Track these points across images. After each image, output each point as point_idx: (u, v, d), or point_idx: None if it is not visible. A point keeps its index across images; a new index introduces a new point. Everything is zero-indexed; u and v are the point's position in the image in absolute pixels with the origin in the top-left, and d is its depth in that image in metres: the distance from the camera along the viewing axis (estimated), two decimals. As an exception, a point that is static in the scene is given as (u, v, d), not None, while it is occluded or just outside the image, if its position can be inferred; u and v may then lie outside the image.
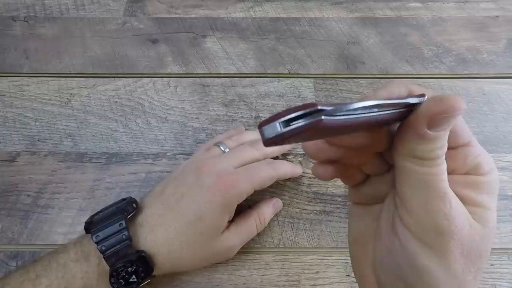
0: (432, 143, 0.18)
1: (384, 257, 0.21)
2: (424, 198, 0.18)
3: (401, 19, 0.47)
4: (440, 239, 0.18)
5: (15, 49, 0.45)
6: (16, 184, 0.37)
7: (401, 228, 0.19)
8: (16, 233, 0.35)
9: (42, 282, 0.26)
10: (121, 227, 0.28)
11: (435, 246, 0.18)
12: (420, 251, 0.18)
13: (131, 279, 0.27)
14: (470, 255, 0.18)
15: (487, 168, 0.19)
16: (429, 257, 0.18)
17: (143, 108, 0.41)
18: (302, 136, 0.15)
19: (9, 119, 0.41)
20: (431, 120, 0.17)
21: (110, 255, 0.27)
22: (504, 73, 0.43)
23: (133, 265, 0.27)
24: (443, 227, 0.18)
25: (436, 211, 0.18)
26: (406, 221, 0.19)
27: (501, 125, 0.39)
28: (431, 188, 0.18)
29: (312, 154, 0.21)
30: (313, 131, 0.14)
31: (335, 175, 0.22)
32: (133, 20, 0.48)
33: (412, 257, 0.19)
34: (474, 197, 0.19)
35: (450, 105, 0.17)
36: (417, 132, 0.18)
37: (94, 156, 0.39)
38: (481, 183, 0.19)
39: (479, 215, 0.19)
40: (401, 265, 0.19)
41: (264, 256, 0.34)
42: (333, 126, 0.14)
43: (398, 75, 0.43)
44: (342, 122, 0.14)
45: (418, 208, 0.18)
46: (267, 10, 0.49)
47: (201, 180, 0.30)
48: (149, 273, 0.28)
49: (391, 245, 0.20)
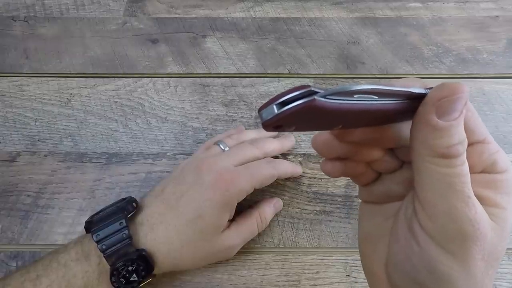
0: (447, 136, 0.17)
1: (400, 259, 0.20)
2: (448, 203, 0.17)
3: (401, 19, 0.47)
4: (463, 245, 0.17)
5: (15, 49, 0.45)
6: (16, 184, 0.37)
7: (420, 233, 0.18)
8: (16, 233, 0.35)
9: (43, 282, 0.26)
10: (121, 226, 0.28)
11: (458, 252, 0.17)
12: (441, 257, 0.18)
13: (131, 278, 0.27)
14: (489, 258, 0.18)
15: (504, 166, 0.19)
16: (450, 263, 0.18)
17: (143, 108, 0.41)
18: (299, 119, 0.15)
19: (9, 119, 0.41)
20: (438, 108, 0.17)
21: (111, 254, 0.27)
22: (504, 73, 0.43)
23: (133, 264, 0.27)
24: (467, 233, 0.17)
25: (461, 216, 0.17)
26: (426, 226, 0.18)
27: (501, 125, 0.39)
28: (455, 191, 0.17)
29: (321, 150, 0.21)
30: (309, 113, 0.14)
31: (343, 172, 0.22)
32: (133, 20, 0.48)
33: (432, 263, 0.18)
34: (492, 197, 0.18)
35: (452, 87, 0.17)
36: (428, 123, 0.17)
37: (94, 156, 0.39)
38: (498, 181, 0.19)
39: (497, 216, 0.18)
40: (419, 269, 0.19)
41: (264, 256, 0.34)
42: (328, 109, 0.14)
43: (398, 75, 0.43)
44: (337, 106, 0.14)
45: (441, 213, 0.17)
46: (267, 10, 0.49)
47: (201, 178, 0.30)
48: (149, 271, 0.28)
49: (408, 248, 0.19)
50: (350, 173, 0.22)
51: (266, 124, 0.15)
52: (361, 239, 0.23)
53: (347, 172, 0.22)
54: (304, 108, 0.14)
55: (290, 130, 0.16)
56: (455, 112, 0.17)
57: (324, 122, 0.16)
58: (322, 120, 0.16)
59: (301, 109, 0.14)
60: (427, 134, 0.17)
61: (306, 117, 0.15)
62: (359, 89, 0.14)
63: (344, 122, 0.17)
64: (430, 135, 0.17)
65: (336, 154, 0.21)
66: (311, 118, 0.15)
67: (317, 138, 0.21)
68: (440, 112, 0.17)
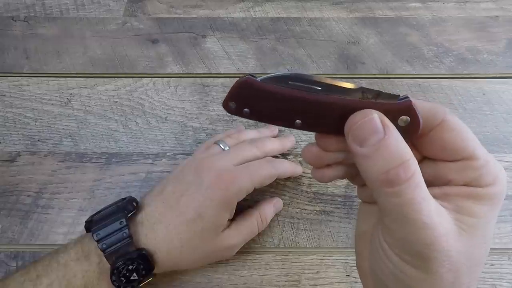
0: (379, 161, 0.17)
1: (374, 262, 0.21)
2: (404, 230, 0.17)
3: (401, 19, 0.47)
4: (424, 262, 0.18)
5: (15, 49, 0.45)
6: (16, 184, 0.37)
7: (384, 245, 0.19)
8: (16, 233, 0.35)
9: (43, 282, 0.26)
10: (121, 225, 0.28)
11: (421, 267, 0.18)
12: (405, 268, 0.18)
13: (132, 277, 0.27)
14: (461, 269, 0.18)
15: (489, 180, 0.19)
16: (414, 274, 0.18)
17: (143, 108, 0.41)
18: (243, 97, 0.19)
19: (9, 119, 0.41)
20: (354, 136, 0.18)
21: (111, 253, 0.27)
22: (504, 73, 0.43)
23: (133, 263, 0.27)
24: (426, 255, 0.17)
25: (418, 242, 0.17)
26: (390, 245, 0.19)
27: (501, 125, 0.39)
28: (411, 221, 0.17)
29: (310, 161, 0.22)
30: (246, 89, 0.18)
31: (334, 176, 0.23)
32: (133, 20, 0.48)
33: (395, 271, 0.19)
34: (470, 207, 0.18)
35: (361, 113, 0.18)
36: (355, 153, 0.18)
37: (94, 156, 0.39)
38: (479, 195, 0.19)
39: (474, 226, 0.18)
40: (385, 274, 0.20)
41: (264, 256, 0.34)
42: (261, 88, 0.18)
43: (398, 75, 0.43)
44: (269, 88, 0.18)
45: (400, 239, 0.18)
46: (267, 10, 0.49)
47: (201, 178, 0.30)
48: (150, 271, 0.28)
49: (376, 253, 0.20)
50: (341, 176, 0.23)
51: (223, 104, 0.20)
52: (356, 236, 0.24)
53: (338, 176, 0.23)
54: (240, 84, 0.19)
55: (247, 116, 0.20)
56: (373, 136, 0.17)
57: (274, 109, 0.19)
58: (269, 105, 0.19)
59: (238, 84, 0.19)
60: (360, 164, 0.18)
61: (248, 95, 0.19)
62: (293, 75, 0.18)
63: (297, 113, 0.19)
64: (363, 165, 0.18)
65: (325, 163, 0.22)
66: (255, 99, 0.19)
67: (305, 150, 0.22)
68: (357, 140, 0.17)
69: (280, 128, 0.39)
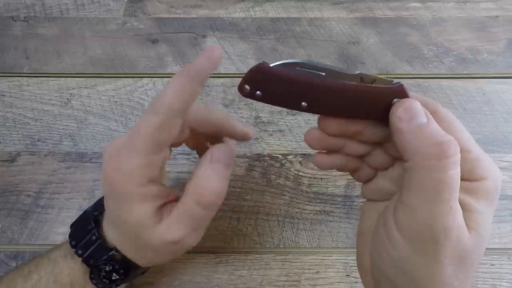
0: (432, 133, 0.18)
1: (376, 255, 0.21)
2: (430, 210, 0.18)
3: (401, 19, 0.47)
4: (432, 249, 0.18)
5: (15, 49, 0.45)
6: (16, 184, 0.37)
7: (394, 231, 0.19)
8: (16, 233, 0.35)
9: (33, 277, 0.26)
10: (90, 228, 0.26)
11: (426, 254, 0.18)
12: (409, 256, 0.19)
13: (113, 277, 0.26)
14: (460, 263, 0.18)
15: (483, 174, 0.19)
16: (417, 262, 0.19)
17: (143, 108, 0.41)
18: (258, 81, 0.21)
19: (9, 119, 0.41)
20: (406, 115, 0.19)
21: (87, 257, 0.26)
22: (504, 73, 0.43)
23: (107, 264, 0.26)
24: (438, 240, 0.18)
25: (438, 224, 0.18)
26: (402, 227, 0.19)
27: (501, 125, 0.39)
28: (440, 200, 0.18)
29: (311, 142, 0.23)
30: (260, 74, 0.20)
31: (332, 163, 0.24)
32: (133, 20, 0.48)
33: (399, 260, 0.19)
34: (472, 203, 0.19)
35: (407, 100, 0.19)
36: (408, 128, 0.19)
37: (94, 156, 0.39)
38: (476, 189, 0.19)
39: (474, 221, 0.19)
40: (388, 265, 0.20)
41: (264, 256, 0.34)
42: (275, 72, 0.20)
43: (398, 75, 0.43)
44: (281, 72, 0.20)
45: (420, 218, 0.18)
46: (267, 10, 0.49)
47: None
48: (128, 270, 0.26)
49: (380, 244, 0.21)
50: (340, 166, 0.24)
51: (239, 88, 0.21)
52: (359, 234, 0.25)
53: (337, 165, 0.24)
54: (256, 68, 0.20)
55: (259, 98, 0.21)
56: (420, 117, 0.19)
57: (283, 92, 0.21)
58: (279, 88, 0.21)
59: (254, 69, 0.20)
60: (407, 140, 0.19)
61: (261, 79, 0.21)
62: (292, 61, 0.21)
63: (303, 96, 0.21)
64: (412, 139, 0.19)
65: (325, 146, 0.23)
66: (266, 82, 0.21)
67: (308, 132, 0.23)
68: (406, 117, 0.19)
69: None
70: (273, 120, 0.40)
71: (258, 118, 0.41)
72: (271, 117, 0.41)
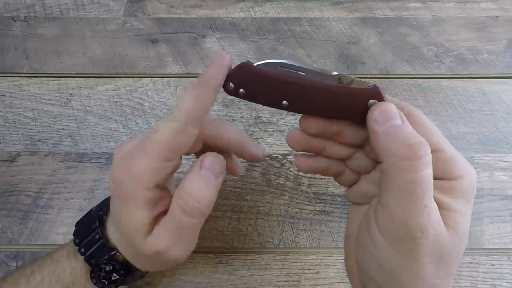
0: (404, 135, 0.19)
1: (361, 257, 0.22)
2: (405, 210, 0.18)
3: (401, 19, 0.47)
4: (411, 247, 0.19)
5: (15, 49, 0.45)
6: (16, 184, 0.37)
7: (375, 231, 0.20)
8: (16, 233, 0.35)
9: (36, 277, 0.26)
10: (94, 227, 0.26)
11: (405, 253, 0.19)
12: (390, 255, 0.19)
13: (113, 278, 0.26)
14: (440, 261, 0.19)
15: (459, 173, 0.20)
16: (398, 261, 0.19)
17: (143, 108, 0.41)
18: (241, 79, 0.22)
19: (9, 119, 0.41)
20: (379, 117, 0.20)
21: (89, 255, 0.26)
22: (504, 73, 0.43)
23: (108, 264, 0.26)
24: (415, 238, 0.18)
25: (413, 223, 0.18)
26: (382, 226, 0.20)
27: (501, 125, 0.39)
28: (414, 200, 0.18)
29: (291, 143, 0.24)
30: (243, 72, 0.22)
31: (313, 166, 0.25)
32: (133, 20, 0.48)
33: (382, 261, 0.20)
34: (450, 202, 0.19)
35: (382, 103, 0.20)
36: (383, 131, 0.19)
37: (94, 156, 0.39)
38: (452, 187, 0.20)
39: (452, 220, 0.19)
40: (372, 266, 0.20)
41: (264, 256, 0.34)
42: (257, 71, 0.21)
43: (398, 75, 0.43)
44: (264, 71, 0.21)
45: (397, 218, 0.19)
46: (267, 10, 0.49)
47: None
48: (129, 271, 0.26)
49: (364, 246, 0.21)
50: (322, 170, 0.25)
51: (223, 85, 0.22)
52: (346, 237, 0.25)
53: (319, 168, 0.25)
54: (239, 67, 0.22)
55: (242, 96, 0.22)
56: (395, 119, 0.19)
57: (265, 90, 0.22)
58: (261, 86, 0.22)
59: (238, 68, 0.22)
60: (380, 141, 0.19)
61: (245, 77, 0.22)
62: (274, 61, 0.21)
63: (284, 95, 0.22)
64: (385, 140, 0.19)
65: (307, 147, 0.24)
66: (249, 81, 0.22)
67: (289, 133, 0.24)
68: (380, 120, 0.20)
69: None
70: (273, 120, 0.40)
71: (258, 118, 0.41)
72: (271, 117, 0.41)
